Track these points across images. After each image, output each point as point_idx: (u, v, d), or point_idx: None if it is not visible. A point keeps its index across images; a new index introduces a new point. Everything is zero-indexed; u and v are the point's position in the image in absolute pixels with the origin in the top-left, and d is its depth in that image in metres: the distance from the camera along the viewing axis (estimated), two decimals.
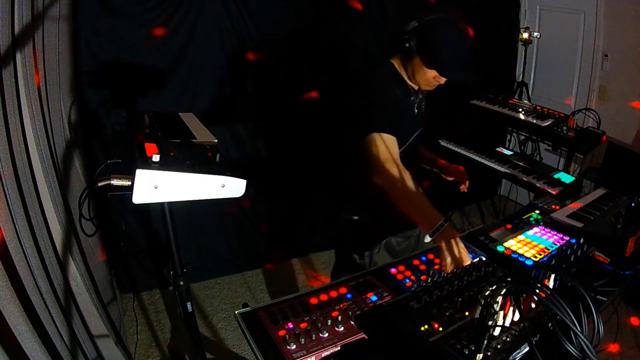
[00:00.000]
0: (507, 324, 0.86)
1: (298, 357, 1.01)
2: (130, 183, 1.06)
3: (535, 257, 1.38)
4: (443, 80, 1.55)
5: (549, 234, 1.53)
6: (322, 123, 3.00)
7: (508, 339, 0.86)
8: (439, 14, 1.50)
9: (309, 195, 3.16)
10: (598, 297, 1.25)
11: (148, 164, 1.03)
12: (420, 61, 1.51)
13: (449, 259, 1.30)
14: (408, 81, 1.63)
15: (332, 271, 2.00)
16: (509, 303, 0.85)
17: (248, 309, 1.19)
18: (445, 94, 1.84)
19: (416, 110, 1.71)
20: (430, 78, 1.54)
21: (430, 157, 2.00)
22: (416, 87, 1.64)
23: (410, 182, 1.44)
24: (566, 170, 2.73)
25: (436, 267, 1.40)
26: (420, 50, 1.50)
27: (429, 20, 1.50)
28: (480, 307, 0.86)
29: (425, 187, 1.76)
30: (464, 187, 1.94)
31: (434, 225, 1.33)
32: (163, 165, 1.04)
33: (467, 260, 1.32)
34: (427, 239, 1.40)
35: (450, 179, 1.95)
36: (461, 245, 1.33)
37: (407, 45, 1.51)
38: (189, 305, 1.44)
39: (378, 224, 1.77)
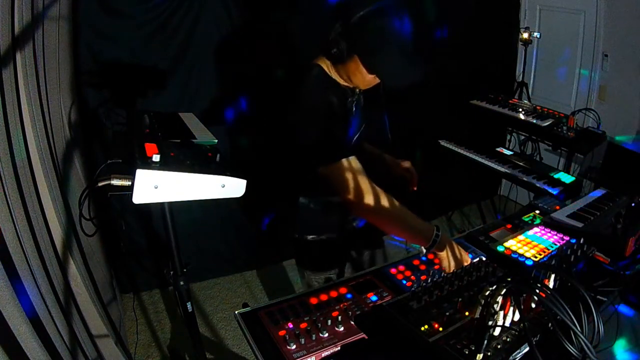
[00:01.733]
0: (507, 324, 0.86)
1: (298, 357, 1.01)
2: (130, 183, 1.06)
3: (535, 257, 1.38)
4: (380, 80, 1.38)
5: (549, 234, 1.53)
6: None
7: (508, 339, 0.86)
8: (368, 9, 1.27)
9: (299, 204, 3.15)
10: (598, 297, 1.25)
11: (148, 164, 1.03)
12: (356, 64, 1.33)
13: (452, 264, 1.31)
14: (342, 82, 1.44)
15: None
16: (509, 303, 0.85)
17: (248, 309, 1.19)
18: (445, 94, 1.83)
19: (354, 109, 1.52)
20: (370, 79, 1.37)
21: (374, 152, 1.78)
22: (351, 87, 1.46)
23: (389, 202, 1.33)
24: (566, 170, 2.73)
25: (436, 267, 1.40)
26: (355, 53, 1.32)
27: (359, 19, 1.28)
28: (480, 307, 0.86)
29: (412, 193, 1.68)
30: (412, 187, 1.74)
31: (429, 239, 1.31)
32: (163, 165, 1.04)
33: (468, 260, 1.33)
34: (424, 250, 1.39)
35: (398, 175, 1.76)
36: (459, 248, 1.34)
37: (335, 50, 1.33)
38: (189, 305, 1.44)
39: (337, 241, 1.67)
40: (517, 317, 0.87)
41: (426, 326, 0.88)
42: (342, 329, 1.10)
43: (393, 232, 1.40)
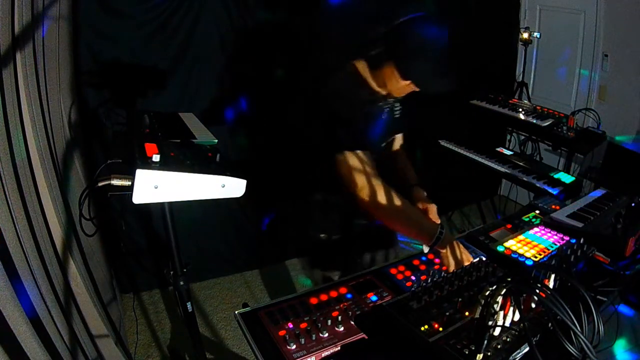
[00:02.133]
0: (507, 324, 0.86)
1: (298, 357, 1.01)
2: (130, 183, 1.06)
3: (535, 257, 1.38)
4: (417, 88, 1.40)
5: (549, 234, 1.53)
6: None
7: (508, 339, 0.86)
8: (409, 16, 1.33)
9: (309, 195, 3.16)
10: (598, 297, 1.25)
11: (148, 164, 1.03)
12: (392, 70, 1.36)
13: (453, 263, 1.31)
14: (374, 86, 1.47)
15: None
16: (509, 303, 0.85)
17: (248, 309, 1.19)
18: (445, 94, 1.82)
19: (386, 116, 1.56)
20: (403, 86, 1.40)
21: (404, 178, 1.74)
22: (385, 93, 1.48)
23: (396, 198, 1.34)
24: (566, 170, 2.73)
25: (436, 267, 1.40)
26: (392, 59, 1.35)
27: (401, 25, 1.33)
28: (480, 307, 0.86)
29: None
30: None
31: (432, 236, 1.32)
32: (163, 165, 1.04)
33: (469, 259, 1.33)
34: (426, 249, 1.40)
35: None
36: (461, 246, 1.34)
37: (375, 52, 1.37)
38: (189, 305, 1.44)
39: (350, 241, 1.68)
40: (517, 317, 0.87)
41: (426, 326, 0.88)
42: (342, 329, 1.10)
43: (397, 227, 1.41)
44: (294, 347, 1.04)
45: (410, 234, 1.40)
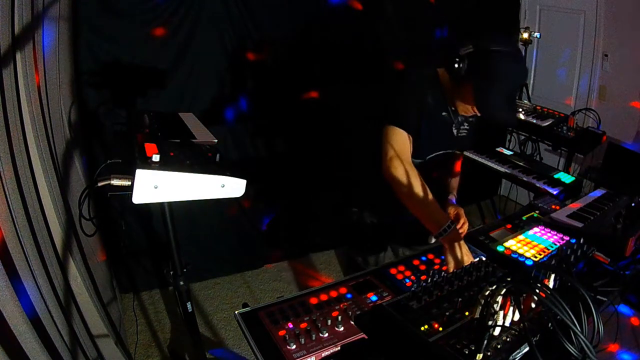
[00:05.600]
0: (507, 324, 0.86)
1: (298, 357, 1.01)
2: (130, 183, 1.06)
3: (535, 257, 1.38)
4: (479, 114, 1.46)
5: (549, 234, 1.53)
6: (322, 123, 3.00)
7: (508, 339, 0.86)
8: (497, 44, 1.35)
9: (309, 195, 3.16)
10: (598, 297, 1.25)
11: (148, 164, 1.03)
12: (468, 90, 1.41)
13: (452, 261, 1.31)
14: (448, 98, 1.53)
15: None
16: (509, 303, 0.85)
17: (248, 309, 1.19)
18: None
19: (453, 130, 1.61)
20: (468, 108, 1.47)
21: (446, 186, 1.84)
22: (453, 108, 1.54)
23: (417, 181, 1.40)
24: (566, 170, 2.72)
25: (436, 267, 1.40)
26: (471, 80, 1.38)
27: (489, 51, 1.34)
28: (480, 307, 0.86)
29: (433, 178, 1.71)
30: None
31: (441, 226, 1.34)
32: (163, 165, 1.04)
33: (470, 260, 1.33)
34: (432, 239, 1.42)
35: None
36: (465, 247, 1.34)
37: (457, 67, 1.38)
38: (189, 305, 1.44)
39: (386, 225, 1.74)
40: (517, 317, 0.86)
41: (426, 326, 0.88)
42: (342, 329, 1.10)
43: (412, 208, 1.43)
44: (294, 347, 1.04)
45: (421, 218, 1.42)
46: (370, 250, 1.78)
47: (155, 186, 1.02)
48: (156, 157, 1.04)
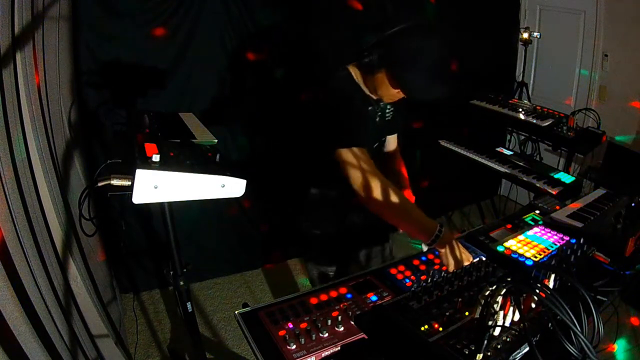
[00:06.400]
0: (507, 324, 0.86)
1: (298, 357, 1.01)
2: (130, 183, 1.06)
3: (535, 257, 1.38)
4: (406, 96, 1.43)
5: (549, 234, 1.53)
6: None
7: (508, 339, 0.86)
8: (402, 26, 1.33)
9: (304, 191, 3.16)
10: (598, 297, 1.25)
11: (148, 164, 1.03)
12: (383, 77, 1.40)
13: (452, 262, 1.31)
14: (366, 91, 1.52)
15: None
16: (509, 303, 0.85)
17: (248, 309, 1.19)
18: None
19: (377, 119, 1.60)
20: (394, 93, 1.43)
21: (396, 182, 1.76)
22: (376, 97, 1.53)
23: (394, 194, 1.36)
24: (566, 170, 2.73)
25: (436, 267, 1.40)
26: (384, 67, 1.38)
27: (394, 34, 1.34)
28: (480, 307, 0.86)
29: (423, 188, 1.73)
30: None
31: (431, 234, 1.32)
32: (163, 165, 1.04)
33: (469, 258, 1.33)
34: (425, 247, 1.40)
35: None
36: (460, 246, 1.34)
37: (367, 59, 1.39)
38: (189, 305, 1.44)
39: (344, 237, 1.72)
40: (517, 317, 0.87)
41: (426, 326, 0.88)
42: (342, 329, 1.10)
43: (397, 224, 1.42)
44: (294, 347, 1.04)
45: (409, 231, 1.40)
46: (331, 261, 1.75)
47: (155, 186, 1.02)
48: (156, 157, 1.04)
